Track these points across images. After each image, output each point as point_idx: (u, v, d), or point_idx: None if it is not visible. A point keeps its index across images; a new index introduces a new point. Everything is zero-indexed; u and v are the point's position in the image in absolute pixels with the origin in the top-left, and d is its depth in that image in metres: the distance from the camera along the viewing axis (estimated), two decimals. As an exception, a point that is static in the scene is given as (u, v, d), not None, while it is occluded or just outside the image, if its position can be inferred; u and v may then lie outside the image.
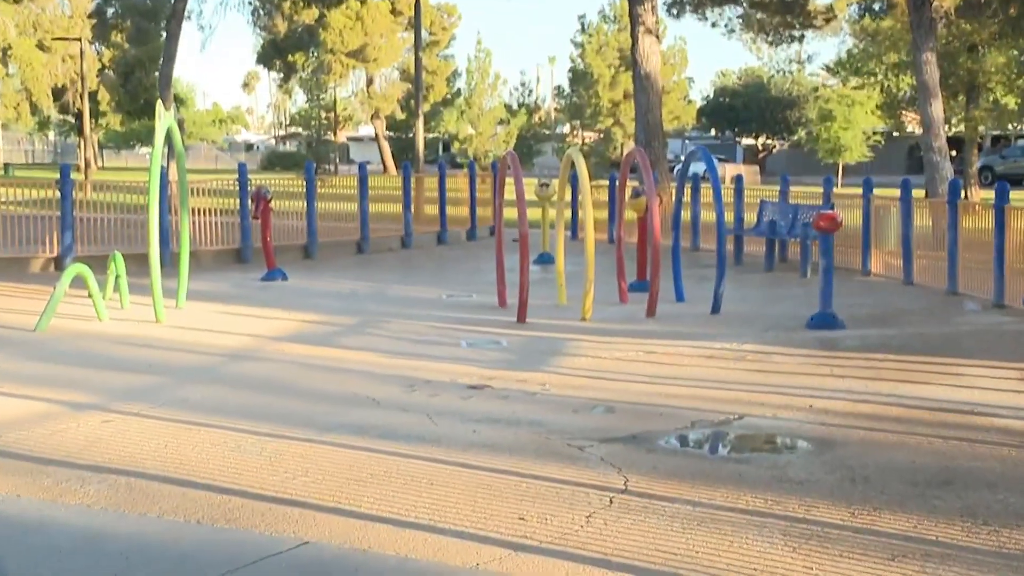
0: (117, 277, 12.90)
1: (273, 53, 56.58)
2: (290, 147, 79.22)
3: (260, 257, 16.85)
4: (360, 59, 54.35)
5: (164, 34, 36.29)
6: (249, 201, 17.60)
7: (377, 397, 8.24)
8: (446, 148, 79.68)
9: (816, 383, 8.75)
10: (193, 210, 17.62)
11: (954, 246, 13.95)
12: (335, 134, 55.25)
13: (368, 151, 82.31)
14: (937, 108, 21.88)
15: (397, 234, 21.03)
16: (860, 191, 16.53)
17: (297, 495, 5.81)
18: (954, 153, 41.80)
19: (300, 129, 61.67)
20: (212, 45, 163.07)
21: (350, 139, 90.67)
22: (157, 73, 37.89)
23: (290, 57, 55.67)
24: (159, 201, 14.61)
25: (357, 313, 12.71)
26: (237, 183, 18.37)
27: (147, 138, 67.77)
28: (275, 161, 69.48)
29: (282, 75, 59.27)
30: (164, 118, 12.16)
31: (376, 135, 59.64)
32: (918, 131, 34.83)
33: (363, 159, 33.75)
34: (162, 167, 13.47)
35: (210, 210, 18.18)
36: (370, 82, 57.97)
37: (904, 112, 42.25)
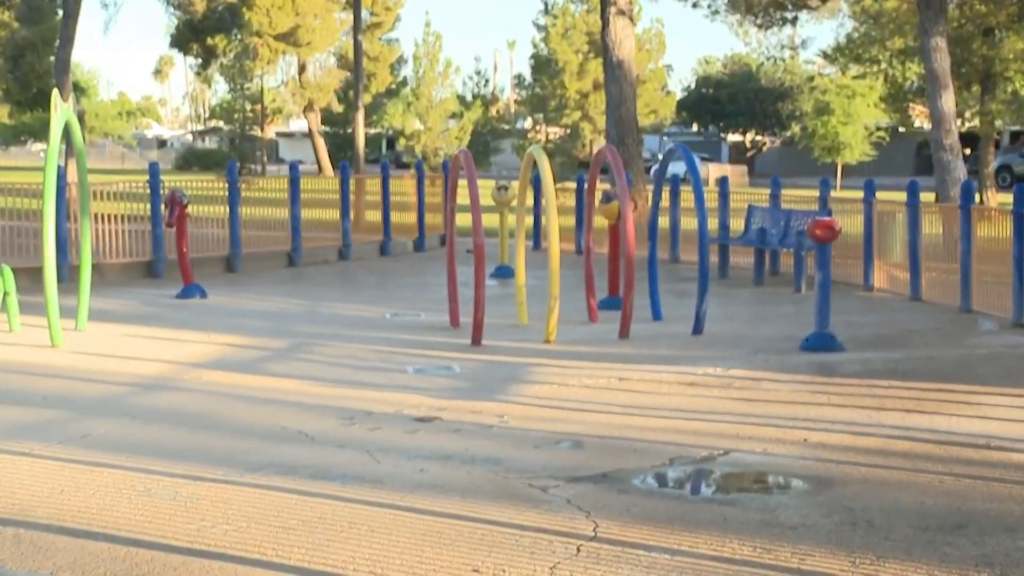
0: (5, 295, 12.76)
1: (189, 35, 56.34)
2: (210, 144, 78.77)
3: (175, 271, 16.75)
4: (291, 43, 54.20)
5: (60, 12, 36.00)
6: (162, 206, 17.49)
7: (310, 431, 8.21)
8: (390, 145, 79.58)
9: (812, 413, 8.81)
10: (96, 216, 17.47)
11: (967, 257, 14.11)
12: (262, 129, 55.04)
13: (300, 149, 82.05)
14: (948, 100, 22.10)
15: (334, 244, 20.99)
16: (861, 195, 16.69)
17: (216, 546, 5.77)
18: (968, 151, 42.40)
19: (221, 123, 61.40)
20: (118, 26, 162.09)
21: (280, 135, 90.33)
22: (52, 58, 37.54)
23: (209, 40, 55.43)
24: (55, 206, 14.48)
25: (287, 335, 12.66)
26: (148, 185, 18.26)
27: (41, 133, 67.15)
28: (192, 160, 69.02)
29: (200, 61, 58.99)
30: (61, 110, 12.08)
31: (310, 130, 59.47)
32: (927, 126, 35.22)
33: (295, 158, 33.65)
34: (59, 166, 13.38)
35: (116, 217, 18.05)
36: (302, 69, 57.84)
37: (911, 105, 42.75)
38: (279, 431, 8.25)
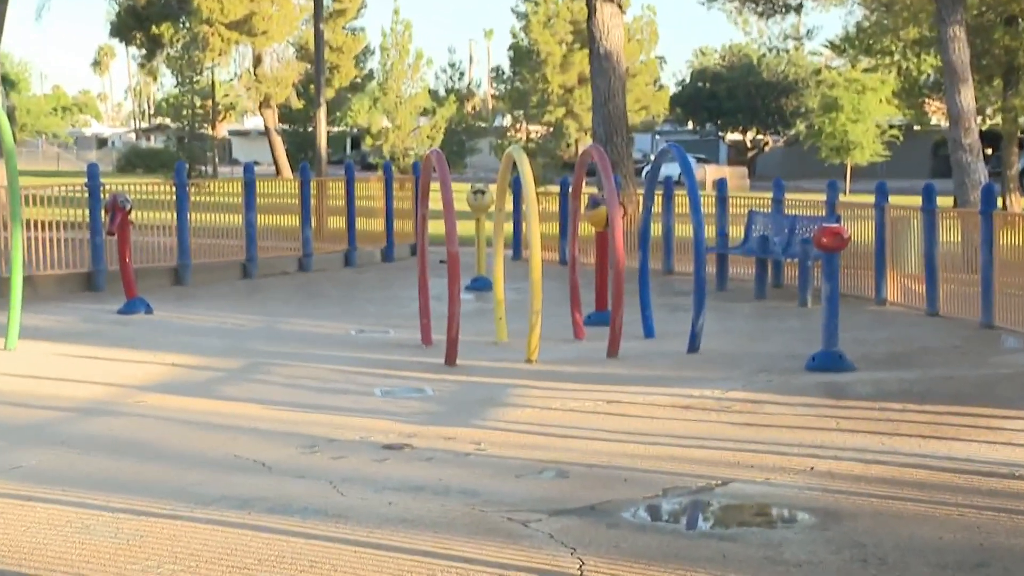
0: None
1: (132, 23, 56.25)
2: (155, 143, 78.62)
3: (117, 283, 16.69)
4: (245, 32, 54.18)
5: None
6: (102, 212, 17.44)
7: (267, 460, 8.20)
8: (355, 145, 79.55)
9: (819, 439, 8.84)
10: (28, 223, 17.41)
11: (989, 268, 14.18)
12: (213, 127, 54.93)
13: (256, 149, 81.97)
14: (967, 95, 22.20)
15: (293, 254, 20.96)
16: (872, 199, 16.76)
17: (163, 587, 5.75)
18: (989, 151, 42.60)
19: (168, 120, 61.27)
20: (52, 12, 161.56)
21: (233, 133, 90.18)
22: (-20, 48, 37.45)
23: (154, 29, 55.35)
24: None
25: (242, 354, 12.63)
26: (86, 189, 18.21)
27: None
28: (136, 161, 68.81)
29: (144, 52, 58.90)
30: (-8, 106, 12.03)
31: (266, 128, 59.46)
32: (944, 124, 35.38)
33: (250, 159, 33.66)
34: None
35: (50, 224, 17.99)
36: (258, 61, 57.82)
37: (927, 100, 42.93)
38: (233, 460, 8.23)
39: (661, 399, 10.31)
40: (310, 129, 52.47)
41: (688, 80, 79.46)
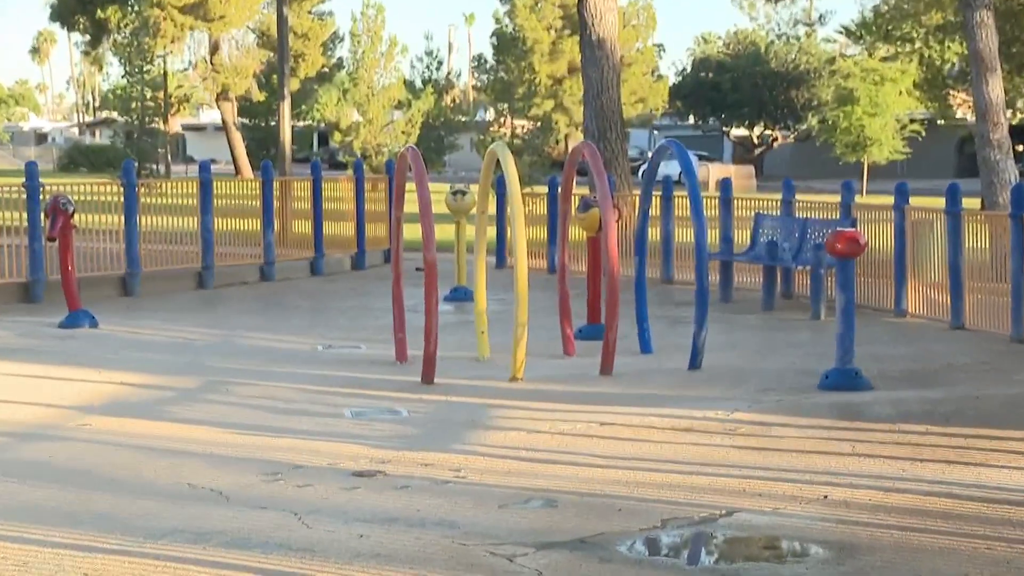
0: None
1: (75, 6, 56.18)
2: (101, 139, 78.52)
3: (58, 294, 16.65)
4: (200, 16, 54.15)
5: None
6: (42, 215, 17.39)
7: (225, 489, 8.18)
8: (323, 141, 79.44)
9: (833, 465, 8.86)
10: (-37, 228, 17.37)
11: (1020, 276, 14.21)
12: (166, 121, 54.89)
13: (213, 145, 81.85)
14: (996, 87, 22.23)
15: (254, 261, 20.93)
16: (891, 201, 16.80)
17: (110, 630, 5.74)
18: (1020, 148, 42.73)
19: (115, 114, 61.27)
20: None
21: (187, 128, 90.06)
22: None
23: (99, 13, 55.30)
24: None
25: (197, 372, 12.61)
26: (24, 190, 18.17)
27: None
28: (79, 159, 68.79)
29: (88, 38, 58.86)
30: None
31: (224, 123, 59.41)
32: (970, 118, 35.46)
33: (206, 156, 33.60)
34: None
35: (-13, 228, 17.94)
36: (215, 49, 57.79)
37: (952, 92, 43.04)
38: (187, 489, 8.21)
39: (659, 421, 10.32)
40: (273, 124, 52.46)
41: (689, 70, 79.58)
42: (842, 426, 10.20)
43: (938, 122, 54.92)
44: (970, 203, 17.39)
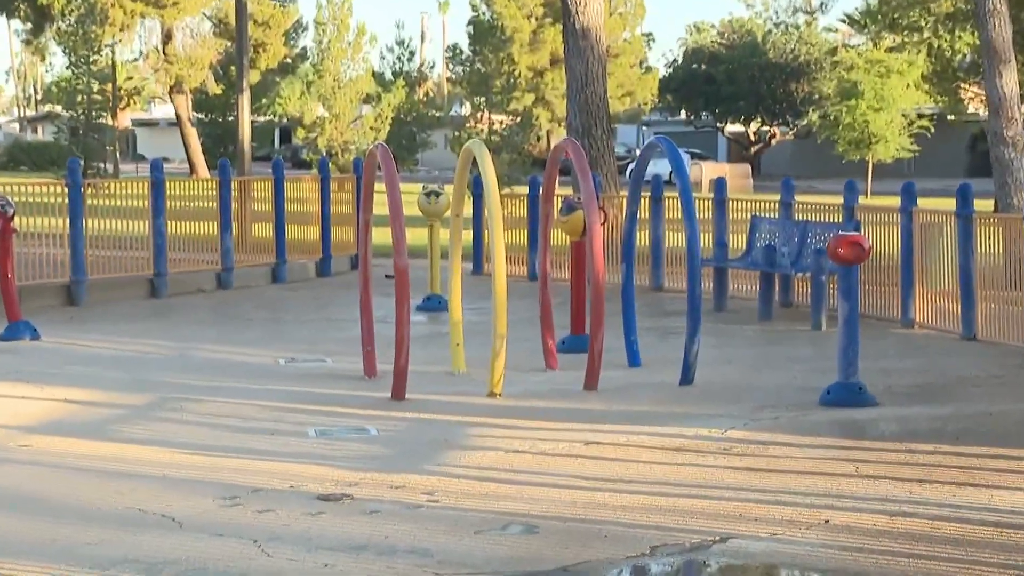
0: None
1: (17, -8, 56.00)
2: (44, 135, 78.32)
3: (-2, 303, 16.61)
4: (152, 3, 54.03)
5: None
6: (-19, 218, 17.34)
7: (178, 515, 8.17)
8: (285, 138, 79.35)
9: (835, 487, 8.88)
10: None
11: (1035, 283, 14.27)
12: (115, 116, 54.79)
13: (166, 142, 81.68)
14: (1010, 79, 22.28)
15: (211, 268, 20.89)
16: (898, 202, 16.84)
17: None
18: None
19: (59, 108, 61.07)
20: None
21: (138, 124, 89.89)
22: None
23: (43, -1, 55.15)
24: None
25: (149, 388, 12.58)
26: (-37, 191, 18.13)
27: None
28: (20, 156, 68.59)
29: (30, 26, 58.65)
30: None
31: (178, 118, 59.28)
32: (983, 113, 35.56)
33: (158, 154, 33.59)
34: None
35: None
36: (168, 38, 57.68)
37: (963, 85, 43.20)
38: (136, 515, 8.19)
39: (648, 440, 10.33)
40: (231, 119, 52.32)
41: (680, 61, 79.74)
42: (845, 445, 10.22)
43: (948, 118, 55.08)
44: (982, 205, 17.45)
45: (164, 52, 57.36)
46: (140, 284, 19.79)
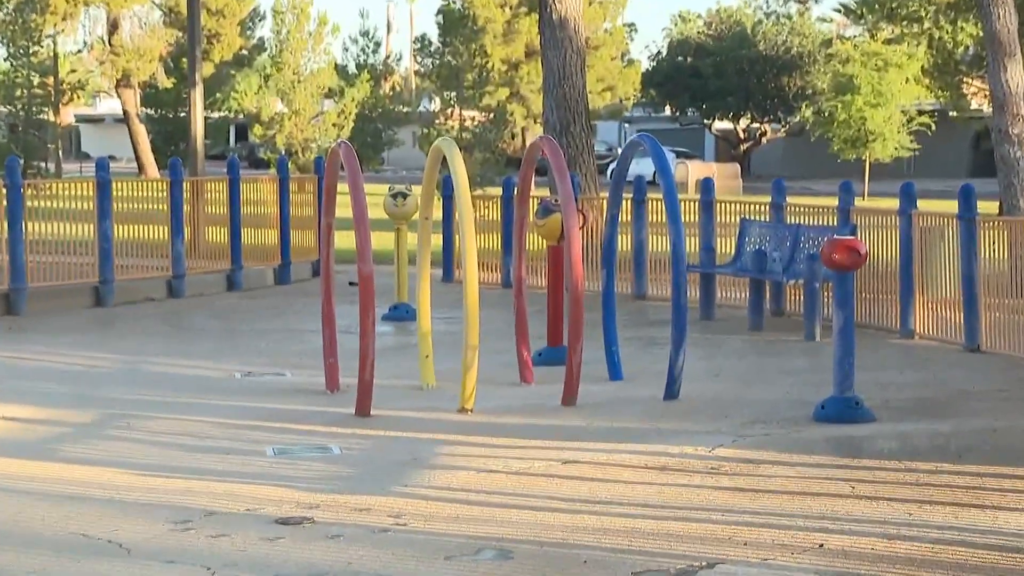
0: None
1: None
2: (-19, 133, 77.93)
3: (-68, 313, 16.57)
4: (98, -10, 53.90)
5: None
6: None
7: (126, 541, 8.15)
8: (241, 136, 79.15)
9: (830, 508, 8.90)
10: None
11: (1042, 290, 14.31)
12: (57, 112, 54.59)
13: (113, 139, 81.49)
14: (1015, 73, 22.36)
15: (161, 275, 20.83)
16: (896, 204, 16.89)
17: None
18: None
19: (-3, 103, 60.85)
20: None
21: (82, 120, 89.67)
22: None
23: (-21, -15, 54.97)
24: None
25: (95, 404, 12.55)
26: None
27: None
28: (-45, 155, 68.12)
29: (-35, 15, 58.44)
30: None
31: (125, 114, 59.16)
32: (987, 109, 35.69)
33: (104, 152, 33.51)
34: None
35: None
36: (115, 28, 57.55)
37: (965, 80, 43.38)
38: (81, 541, 8.17)
39: (630, 458, 10.34)
40: (182, 115, 52.20)
41: (665, 54, 79.90)
42: (840, 463, 10.24)
43: (950, 114, 55.29)
44: (987, 207, 17.49)
45: (110, 43, 57.22)
46: (85, 292, 19.73)
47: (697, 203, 19.50)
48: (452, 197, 20.99)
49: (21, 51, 51.84)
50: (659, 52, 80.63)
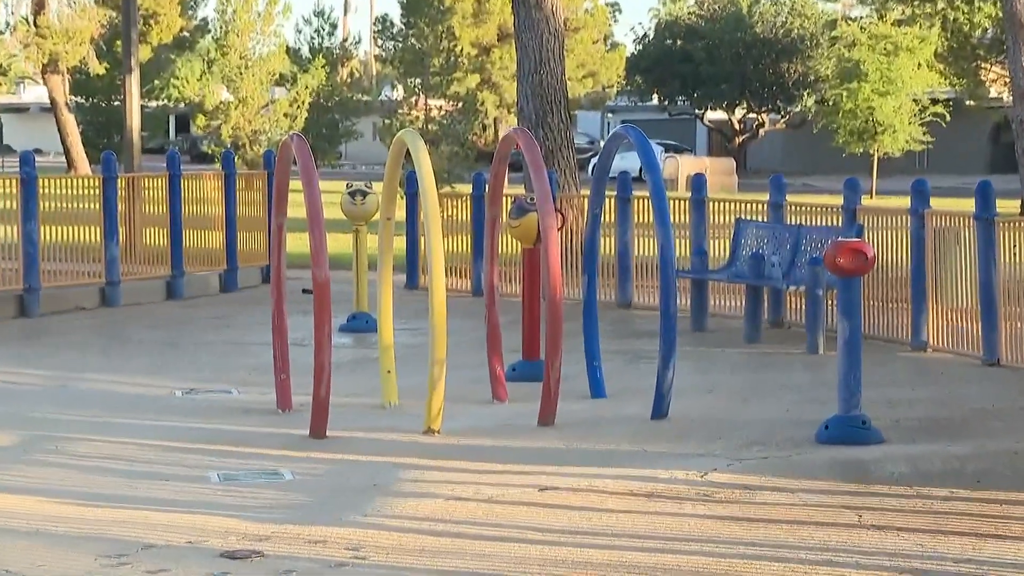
0: None
1: None
2: None
3: None
4: (23, -34, 53.77)
5: None
6: None
7: (55, 577, 8.14)
8: (182, 127, 79.01)
9: (835, 539, 8.91)
10: None
11: (1068, 298, 14.36)
12: (-23, 101, 54.47)
13: (38, 131, 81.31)
14: (1036, 60, 22.47)
15: (94, 282, 20.77)
16: (908, 203, 16.93)
17: None
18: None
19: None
20: None
21: (4, 110, 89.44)
22: None
23: None
24: None
25: (19, 425, 12.51)
26: None
27: None
28: None
29: None
30: None
31: (53, 103, 59.01)
32: (1007, 98, 35.84)
33: (29, 145, 33.40)
34: None
35: None
36: (40, 8, 57.43)
37: (983, 66, 43.52)
38: (6, 576, 8.16)
39: (614, 484, 10.35)
40: (116, 104, 52.15)
41: (652, 36, 79.95)
42: (846, 490, 10.26)
43: (966, 103, 55.46)
44: (1007, 206, 17.56)
45: (35, 24, 57.06)
46: (7, 301, 19.66)
47: (688, 202, 19.53)
48: (416, 195, 21.01)
49: (-64, 34, 51.79)
50: (645, 35, 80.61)
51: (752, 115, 78.55)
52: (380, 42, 70.45)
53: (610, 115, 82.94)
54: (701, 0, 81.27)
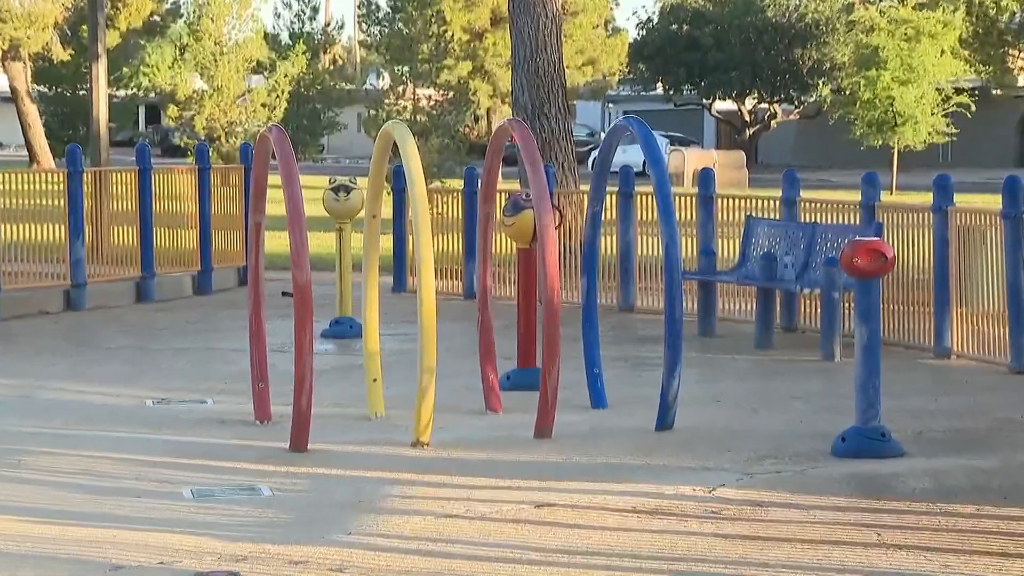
0: None
1: None
2: None
3: None
4: (-19, -54, 53.81)
5: None
6: None
7: (18, 600, 8.15)
8: (153, 118, 79.03)
9: (851, 559, 8.93)
10: None
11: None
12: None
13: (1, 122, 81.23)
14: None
15: (58, 284, 20.77)
16: (930, 199, 16.94)
17: None
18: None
19: None
20: None
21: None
22: None
23: None
24: None
25: (-22, 437, 12.53)
26: None
27: None
28: None
29: None
30: None
31: (14, 92, 59.02)
32: (1035, 88, 35.87)
33: (-10, 138, 33.34)
34: None
35: None
36: (2, -10, 57.46)
37: (1011, 52, 43.54)
38: (-34, 599, 8.17)
39: (615, 500, 10.36)
40: (82, 93, 52.18)
41: (656, 21, 80.00)
42: (864, 507, 10.27)
43: (993, 92, 55.50)
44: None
45: (-4, 9, 57.11)
46: (-33, 305, 19.69)
47: (695, 198, 19.54)
48: (404, 191, 21.02)
49: None
50: (649, 19, 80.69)
51: (763, 105, 78.56)
52: (365, 27, 70.45)
53: (611, 105, 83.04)
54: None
